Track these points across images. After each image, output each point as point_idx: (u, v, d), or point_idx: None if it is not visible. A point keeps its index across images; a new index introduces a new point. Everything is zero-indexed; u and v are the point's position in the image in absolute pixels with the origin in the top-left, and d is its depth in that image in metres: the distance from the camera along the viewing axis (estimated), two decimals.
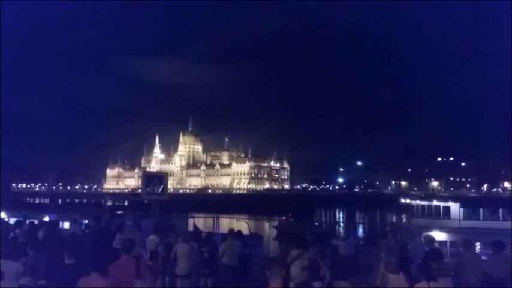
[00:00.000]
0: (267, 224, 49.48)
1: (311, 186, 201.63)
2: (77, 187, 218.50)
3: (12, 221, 16.67)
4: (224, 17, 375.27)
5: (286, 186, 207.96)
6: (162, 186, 17.90)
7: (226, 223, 25.25)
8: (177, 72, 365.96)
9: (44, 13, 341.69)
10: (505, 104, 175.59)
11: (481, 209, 24.69)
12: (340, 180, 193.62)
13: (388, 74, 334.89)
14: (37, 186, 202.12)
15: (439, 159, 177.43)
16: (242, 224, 26.81)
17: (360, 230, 40.38)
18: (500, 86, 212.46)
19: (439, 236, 22.13)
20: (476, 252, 13.88)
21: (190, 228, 21.19)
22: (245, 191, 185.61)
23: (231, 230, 11.62)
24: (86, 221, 17.08)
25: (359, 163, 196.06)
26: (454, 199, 27.19)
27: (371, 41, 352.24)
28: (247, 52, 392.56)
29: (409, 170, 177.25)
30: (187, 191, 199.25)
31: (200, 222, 26.33)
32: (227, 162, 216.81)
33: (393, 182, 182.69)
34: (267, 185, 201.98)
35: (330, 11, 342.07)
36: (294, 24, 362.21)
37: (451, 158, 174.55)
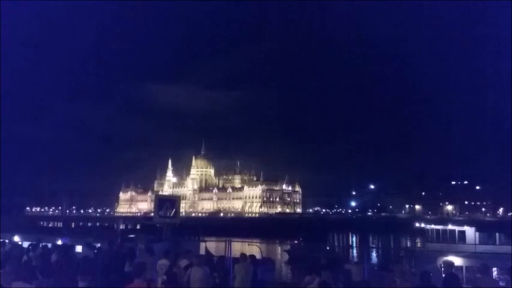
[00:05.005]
0: (279, 248, 49.05)
1: (323, 210, 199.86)
2: (90, 211, 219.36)
3: (26, 244, 16.77)
4: (237, 42, 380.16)
5: (299, 210, 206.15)
6: (174, 210, 17.90)
7: (238, 247, 25.07)
8: (190, 97, 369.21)
9: (57, 41, 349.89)
10: None
11: (497, 234, 24.35)
12: (353, 203, 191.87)
13: (402, 97, 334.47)
14: (51, 210, 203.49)
15: (453, 182, 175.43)
16: (254, 248, 26.55)
17: (374, 255, 39.79)
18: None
19: (454, 261, 21.77)
20: (494, 278, 13.60)
21: (202, 252, 21.08)
22: (257, 215, 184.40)
23: (243, 254, 11.56)
24: (99, 245, 17.09)
25: (372, 187, 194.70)
26: (470, 223, 26.90)
27: (383, 63, 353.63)
28: (259, 77, 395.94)
29: (423, 193, 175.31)
30: (200, 214, 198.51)
31: (212, 246, 26.19)
32: (239, 186, 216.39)
33: (407, 206, 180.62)
34: (279, 209, 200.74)
35: (346, 33, 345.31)
36: (306, 49, 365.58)
37: (466, 182, 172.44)
